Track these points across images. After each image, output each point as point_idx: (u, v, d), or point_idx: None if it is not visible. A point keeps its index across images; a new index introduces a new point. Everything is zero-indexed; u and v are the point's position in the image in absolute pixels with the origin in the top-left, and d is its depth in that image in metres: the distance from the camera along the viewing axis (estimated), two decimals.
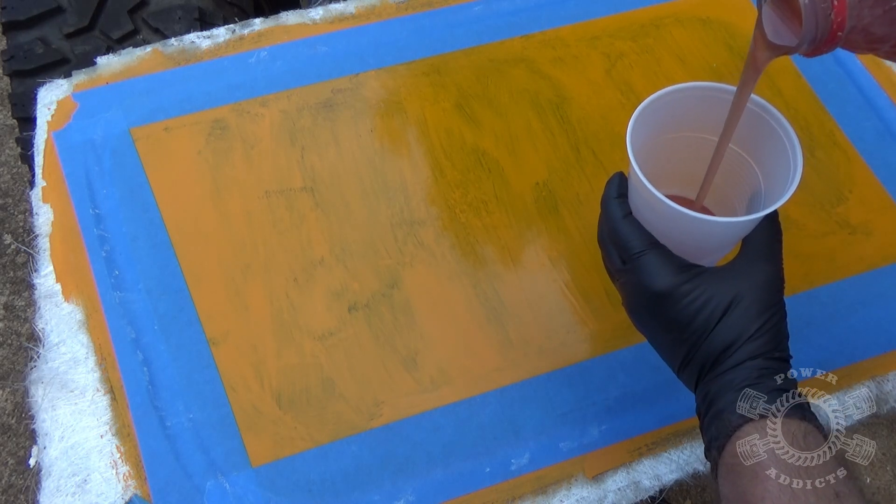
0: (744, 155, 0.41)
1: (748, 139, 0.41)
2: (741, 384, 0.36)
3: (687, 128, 0.42)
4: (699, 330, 0.37)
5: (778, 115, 0.39)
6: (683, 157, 0.43)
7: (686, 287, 0.38)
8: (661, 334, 0.40)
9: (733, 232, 0.39)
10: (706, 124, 0.41)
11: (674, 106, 0.40)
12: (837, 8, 0.31)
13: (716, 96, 0.40)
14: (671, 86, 0.39)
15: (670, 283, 0.38)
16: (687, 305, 0.37)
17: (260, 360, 0.52)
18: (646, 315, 0.40)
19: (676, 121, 0.41)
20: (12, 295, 1.27)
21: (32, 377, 0.51)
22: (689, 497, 1.08)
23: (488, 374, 0.52)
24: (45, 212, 0.58)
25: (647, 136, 0.40)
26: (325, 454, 0.49)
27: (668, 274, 0.38)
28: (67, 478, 0.48)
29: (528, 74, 0.66)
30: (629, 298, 0.41)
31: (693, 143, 0.42)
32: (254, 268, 0.56)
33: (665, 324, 0.39)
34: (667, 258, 0.39)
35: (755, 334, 0.37)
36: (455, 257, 0.56)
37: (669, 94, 0.39)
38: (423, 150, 0.62)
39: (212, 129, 0.62)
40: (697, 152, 0.43)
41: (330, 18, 0.69)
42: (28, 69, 0.82)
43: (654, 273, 0.38)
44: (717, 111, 0.40)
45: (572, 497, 0.48)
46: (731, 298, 0.37)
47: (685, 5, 0.70)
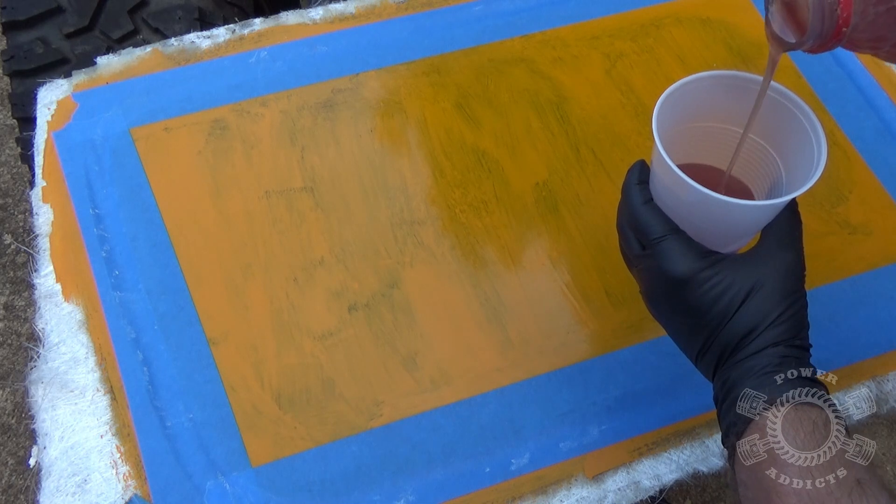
0: (764, 145, 0.41)
1: (769, 128, 0.40)
2: (762, 370, 0.36)
3: (711, 117, 0.41)
4: (719, 316, 0.37)
5: (800, 102, 0.38)
6: (705, 147, 0.42)
7: (707, 273, 0.37)
8: (679, 321, 0.39)
9: (755, 217, 0.38)
10: (729, 114, 0.40)
11: (696, 95, 0.39)
12: (843, 4, 0.31)
13: (740, 85, 0.39)
14: (695, 74, 0.39)
15: (691, 268, 0.37)
16: (707, 291, 0.37)
17: (260, 360, 0.52)
18: (664, 301, 0.40)
19: (699, 110, 0.41)
20: (12, 295, 1.27)
21: (32, 377, 0.51)
22: (689, 497, 1.08)
23: (488, 374, 0.52)
24: (45, 212, 0.58)
25: (670, 124, 0.40)
26: (325, 454, 0.49)
27: (689, 259, 0.38)
28: (67, 478, 0.48)
29: (528, 74, 0.66)
30: (648, 284, 0.41)
31: (714, 133, 0.42)
32: (254, 268, 0.56)
33: (684, 310, 0.38)
34: (688, 244, 0.38)
35: (776, 321, 0.36)
36: (455, 257, 0.56)
37: (694, 82, 0.39)
38: (423, 151, 0.62)
39: (212, 129, 0.62)
40: (718, 142, 0.42)
41: (330, 18, 0.69)
42: (28, 69, 0.82)
43: (674, 258, 0.38)
44: (741, 101, 0.39)
45: (572, 497, 0.48)
46: (752, 285, 0.37)
47: (685, 5, 0.70)
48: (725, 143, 0.41)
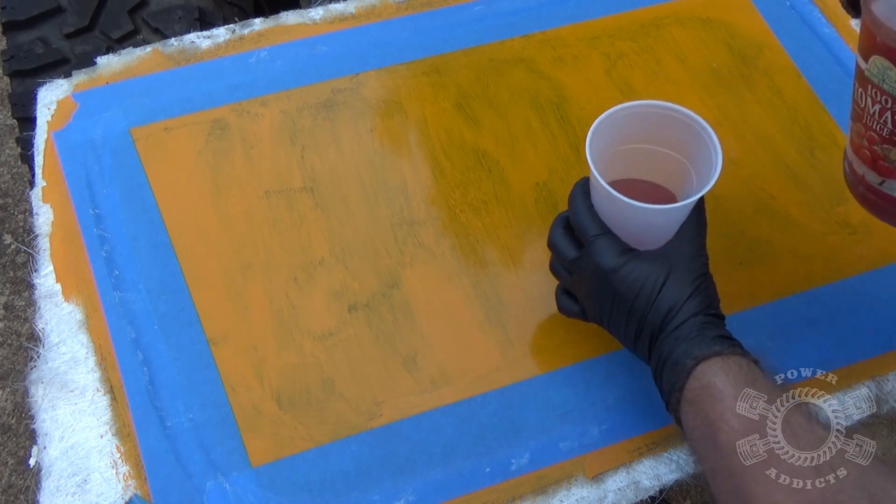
0: (681, 158, 0.48)
1: (682, 144, 0.47)
2: (688, 336, 0.42)
3: (639, 140, 0.48)
4: (645, 299, 0.43)
5: (701, 120, 0.45)
6: (638, 164, 0.50)
7: (630, 265, 0.44)
8: (614, 313, 0.45)
9: (665, 218, 0.45)
10: (651, 136, 0.48)
11: (623, 122, 0.47)
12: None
13: (657, 112, 0.47)
14: (615, 106, 0.46)
15: (617, 261, 0.44)
16: (632, 281, 0.44)
17: (260, 360, 0.52)
18: (600, 295, 0.45)
19: (629, 134, 0.48)
20: (12, 295, 1.27)
21: (32, 377, 0.51)
22: (689, 497, 1.08)
23: (488, 374, 0.52)
24: (45, 212, 0.58)
25: (607, 146, 0.47)
26: (325, 454, 0.49)
27: (616, 254, 0.44)
28: (67, 478, 0.48)
29: (528, 74, 0.66)
30: (585, 283, 0.46)
31: (643, 152, 0.49)
32: (254, 268, 0.56)
33: (616, 300, 0.44)
34: (616, 242, 0.45)
35: (691, 296, 0.43)
36: (455, 257, 0.56)
37: (618, 111, 0.46)
38: (423, 150, 0.62)
39: (212, 129, 0.62)
40: (648, 159, 0.49)
41: (330, 18, 0.69)
42: (28, 69, 0.82)
43: (606, 253, 0.44)
44: (659, 125, 0.47)
45: (572, 497, 0.48)
46: (667, 272, 0.44)
47: (685, 5, 0.70)
48: (654, 160, 0.49)
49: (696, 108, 0.64)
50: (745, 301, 0.55)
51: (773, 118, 0.64)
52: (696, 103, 0.65)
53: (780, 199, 0.60)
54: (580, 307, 0.48)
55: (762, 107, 0.65)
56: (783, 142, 0.63)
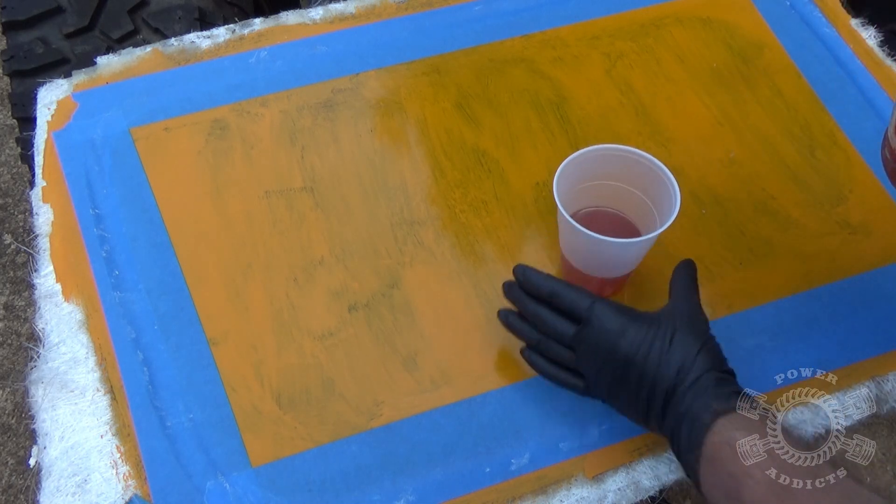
0: (643, 197, 0.51)
1: (645, 185, 0.51)
2: (705, 390, 0.41)
3: (603, 177, 0.52)
4: (656, 355, 0.43)
5: (662, 166, 0.49)
6: (604, 198, 0.54)
7: (635, 326, 0.44)
8: (625, 377, 0.44)
9: (624, 250, 0.49)
10: (612, 175, 0.52)
11: (588, 162, 0.50)
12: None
13: (619, 155, 0.50)
14: (581, 149, 0.50)
15: (622, 322, 0.44)
16: (641, 341, 0.44)
17: (260, 360, 0.52)
18: (610, 360, 0.44)
19: (594, 173, 0.51)
20: (12, 295, 1.27)
21: (32, 377, 0.51)
22: (689, 497, 1.08)
23: (488, 374, 0.52)
24: (45, 212, 0.58)
25: (575, 184, 0.51)
26: (325, 454, 0.49)
27: (618, 316, 0.44)
28: (67, 478, 0.48)
29: (528, 74, 0.66)
30: (591, 352, 0.45)
31: (610, 188, 0.53)
32: (254, 268, 0.56)
33: (628, 362, 0.44)
34: (611, 303, 0.45)
35: (699, 353, 0.43)
36: (455, 257, 0.56)
37: (581, 155, 0.50)
38: (423, 150, 0.62)
39: (212, 129, 0.62)
40: (614, 195, 0.53)
41: (330, 18, 0.69)
42: (28, 69, 0.82)
43: (610, 315, 0.44)
44: (621, 166, 0.51)
45: (572, 497, 0.48)
46: (673, 329, 0.44)
47: (685, 5, 0.70)
48: (619, 195, 0.53)
49: (696, 107, 0.65)
50: (745, 301, 0.55)
51: (773, 118, 0.64)
52: (696, 103, 0.65)
53: (780, 199, 0.60)
54: (584, 383, 0.47)
55: (762, 107, 0.65)
56: (783, 142, 0.63)
